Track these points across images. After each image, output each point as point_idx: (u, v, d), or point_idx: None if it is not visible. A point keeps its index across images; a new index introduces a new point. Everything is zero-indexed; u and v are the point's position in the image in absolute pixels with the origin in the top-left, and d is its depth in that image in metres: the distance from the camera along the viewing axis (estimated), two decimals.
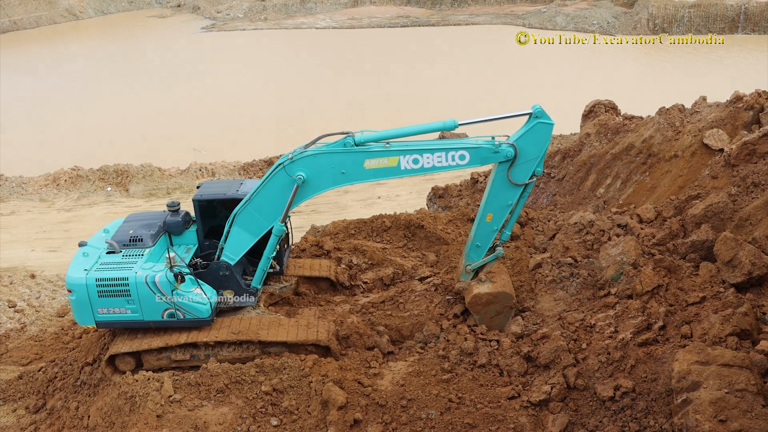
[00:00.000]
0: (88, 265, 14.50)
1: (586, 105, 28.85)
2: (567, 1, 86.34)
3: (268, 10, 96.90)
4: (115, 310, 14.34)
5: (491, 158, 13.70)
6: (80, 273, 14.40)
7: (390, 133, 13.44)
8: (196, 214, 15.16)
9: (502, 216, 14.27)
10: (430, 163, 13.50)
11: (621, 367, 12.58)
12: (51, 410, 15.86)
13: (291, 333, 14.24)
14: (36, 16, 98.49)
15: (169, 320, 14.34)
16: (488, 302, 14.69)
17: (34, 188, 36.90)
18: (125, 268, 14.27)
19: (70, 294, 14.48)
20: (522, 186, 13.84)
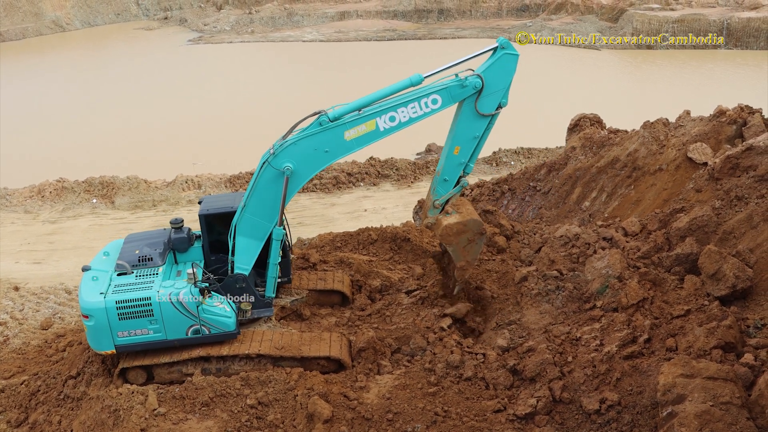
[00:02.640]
0: (103, 288, 14.15)
1: (572, 119, 29.05)
2: (552, 15, 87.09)
3: (255, 23, 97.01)
4: (136, 332, 14.05)
5: (461, 94, 14.01)
6: (97, 297, 14.00)
7: (361, 101, 13.71)
8: (203, 228, 15.00)
9: (469, 148, 14.67)
10: (407, 116, 13.81)
11: (606, 380, 12.61)
12: (33, 424, 15.69)
13: (325, 347, 14.42)
14: (22, 27, 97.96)
15: (194, 337, 14.22)
16: (459, 232, 14.92)
17: (19, 200, 36.62)
18: (144, 288, 14.05)
19: (87, 320, 14.04)
20: (489, 117, 14.29)
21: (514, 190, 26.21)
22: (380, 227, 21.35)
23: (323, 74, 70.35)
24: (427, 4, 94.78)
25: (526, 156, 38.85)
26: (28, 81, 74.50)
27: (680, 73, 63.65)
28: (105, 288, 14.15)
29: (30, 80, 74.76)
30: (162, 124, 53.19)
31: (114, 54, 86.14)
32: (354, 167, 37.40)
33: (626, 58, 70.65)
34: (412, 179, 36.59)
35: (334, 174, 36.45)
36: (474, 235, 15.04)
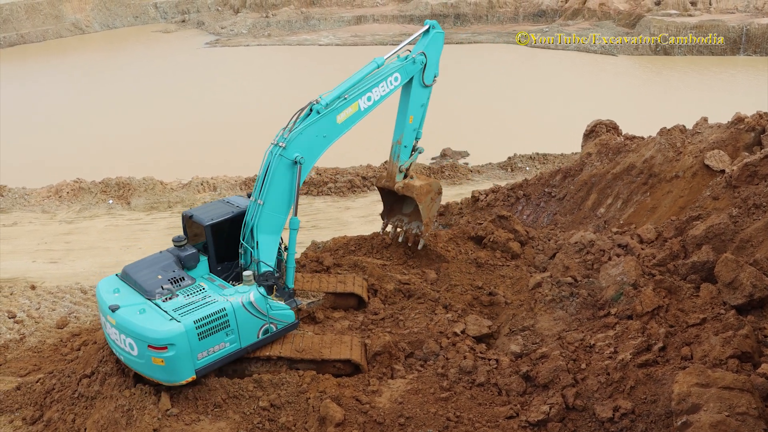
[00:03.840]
0: (164, 315, 13.18)
1: (588, 124, 28.95)
2: (569, 21, 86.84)
3: (272, 26, 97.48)
4: (215, 349, 13.44)
5: (413, 69, 16.73)
6: (170, 324, 12.89)
7: (343, 87, 15.28)
8: (209, 239, 14.69)
9: (419, 116, 17.73)
10: (378, 95, 15.85)
11: (620, 388, 12.52)
12: (48, 422, 15.79)
13: (345, 350, 14.40)
14: (43, 29, 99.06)
15: (264, 338, 14.20)
16: (427, 191, 18.10)
17: (37, 200, 36.95)
18: (212, 301, 13.55)
19: (165, 352, 12.79)
20: (430, 87, 17.43)
21: (529, 196, 26.13)
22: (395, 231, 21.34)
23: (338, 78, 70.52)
24: (444, 8, 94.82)
25: (541, 162, 38.71)
26: (48, 82, 75.26)
27: (698, 79, 63.25)
28: (170, 313, 13.16)
29: (50, 82, 75.51)
30: (178, 125, 53.51)
31: (132, 56, 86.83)
32: (369, 171, 37.41)
33: (643, 63, 70.30)
34: None
35: (349, 178, 36.48)
36: (435, 194, 18.33)
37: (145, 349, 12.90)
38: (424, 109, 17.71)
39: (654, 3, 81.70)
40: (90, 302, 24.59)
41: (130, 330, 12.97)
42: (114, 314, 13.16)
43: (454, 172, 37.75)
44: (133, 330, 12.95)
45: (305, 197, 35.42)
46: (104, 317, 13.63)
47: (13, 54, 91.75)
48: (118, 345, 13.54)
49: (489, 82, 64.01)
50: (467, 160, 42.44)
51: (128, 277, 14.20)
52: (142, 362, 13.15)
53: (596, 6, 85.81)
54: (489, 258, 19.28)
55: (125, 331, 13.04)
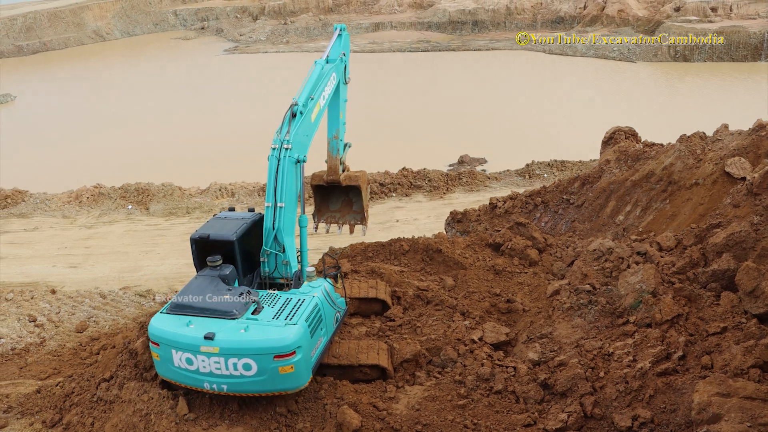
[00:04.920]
0: (275, 324, 12.78)
1: (606, 131, 28.80)
2: (587, 27, 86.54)
3: (290, 33, 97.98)
4: (317, 345, 13.35)
5: (341, 68, 17.72)
6: (290, 328, 12.60)
7: (309, 88, 15.93)
8: (237, 253, 14.42)
9: (344, 112, 18.62)
10: (328, 93, 16.70)
11: (639, 397, 12.42)
12: (67, 425, 15.92)
13: (381, 356, 14.35)
14: (65, 37, 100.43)
15: (336, 326, 14.58)
16: (366, 179, 18.99)
17: (58, 205, 37.36)
18: (302, 300, 13.49)
19: (294, 355, 12.45)
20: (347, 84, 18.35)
21: (547, 203, 26.03)
22: (412, 238, 21.34)
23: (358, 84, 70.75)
24: (462, 15, 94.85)
25: (559, 168, 38.56)
26: (70, 89, 76.13)
27: (718, 85, 62.73)
28: (277, 322, 12.80)
29: (71, 88, 76.38)
30: (197, 132, 53.92)
31: (152, 63, 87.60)
32: (386, 178, 37.45)
33: (662, 70, 69.89)
34: (444, 190, 36.51)
35: None
36: (365, 184, 19.10)
37: (268, 363, 12.39)
38: (345, 105, 18.76)
39: (673, 9, 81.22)
40: (109, 307, 24.79)
41: (248, 349, 12.34)
42: (214, 342, 12.31)
43: (471, 179, 37.69)
44: (252, 348, 12.35)
45: None
46: (189, 353, 12.56)
47: (36, 61, 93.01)
48: (218, 375, 12.59)
49: (507, 88, 63.93)
50: (485, 167, 42.39)
51: (187, 308, 13.16)
52: (262, 379, 12.54)
53: (615, 12, 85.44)
54: (507, 265, 19.22)
55: (238, 353, 12.34)
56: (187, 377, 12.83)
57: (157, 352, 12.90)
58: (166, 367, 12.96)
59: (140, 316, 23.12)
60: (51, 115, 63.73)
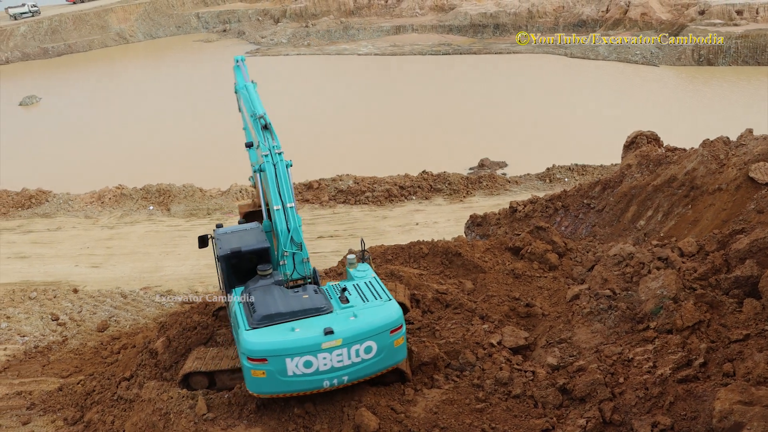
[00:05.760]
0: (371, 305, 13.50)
1: (628, 136, 28.59)
2: (609, 31, 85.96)
3: (312, 36, 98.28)
4: None
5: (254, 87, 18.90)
6: (391, 304, 13.50)
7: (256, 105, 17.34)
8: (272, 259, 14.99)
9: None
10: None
11: (659, 404, 12.31)
12: (88, 423, 16.11)
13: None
14: (89, 39, 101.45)
15: None
16: None
17: (80, 205, 37.77)
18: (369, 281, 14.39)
19: (402, 328, 13.25)
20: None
21: (567, 207, 25.89)
22: (431, 241, 21.34)
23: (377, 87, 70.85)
24: (483, 18, 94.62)
25: (580, 173, 38.33)
26: (93, 90, 76.97)
27: (743, 90, 62.00)
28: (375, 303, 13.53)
29: (94, 89, 77.22)
30: (218, 133, 54.19)
31: (173, 65, 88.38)
32: (406, 180, 37.46)
33: (686, 74, 69.25)
34: (464, 194, 36.45)
35: (387, 187, 36.55)
36: None
37: (386, 340, 13.05)
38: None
39: (698, 12, 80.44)
40: (130, 306, 25.01)
41: (368, 331, 12.84)
42: (335, 335, 12.53)
43: (492, 183, 37.59)
44: (371, 329, 12.89)
45: (343, 206, 35.62)
46: (309, 356, 12.53)
47: (61, 63, 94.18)
48: (339, 368, 12.80)
49: (528, 92, 63.70)
50: (505, 171, 42.24)
51: (276, 317, 12.94)
52: (381, 357, 13.13)
53: (638, 16, 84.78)
54: (526, 269, 19.15)
55: (360, 339, 12.73)
56: (302, 383, 12.72)
57: (265, 368, 12.43)
58: (275, 381, 12.60)
59: (160, 316, 23.33)
60: (75, 117, 64.46)
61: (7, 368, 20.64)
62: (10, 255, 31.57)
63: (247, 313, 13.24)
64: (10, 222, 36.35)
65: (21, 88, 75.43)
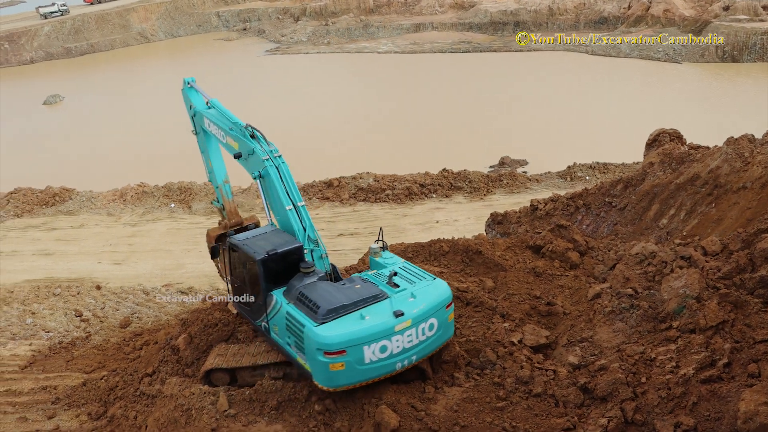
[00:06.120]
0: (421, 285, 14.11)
1: (650, 133, 28.33)
2: (631, 28, 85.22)
3: (331, 34, 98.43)
4: None
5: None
6: (439, 281, 14.39)
7: (232, 117, 17.78)
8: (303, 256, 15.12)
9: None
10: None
11: (682, 404, 12.20)
12: (111, 418, 16.29)
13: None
14: (111, 39, 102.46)
15: None
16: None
17: (103, 203, 38.14)
18: (404, 265, 15.17)
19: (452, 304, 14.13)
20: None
21: (589, 206, 25.72)
22: (452, 239, 21.29)
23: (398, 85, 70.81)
24: (503, 16, 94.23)
25: (601, 171, 38.05)
26: (115, 89, 77.67)
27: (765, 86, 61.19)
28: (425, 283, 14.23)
29: (116, 88, 77.91)
30: None
31: (194, 64, 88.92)
32: (427, 178, 37.41)
33: (709, 71, 68.48)
34: (485, 192, 36.33)
35: (407, 185, 36.53)
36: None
37: (443, 315, 13.81)
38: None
39: (722, 8, 79.49)
40: (152, 303, 25.22)
41: (430, 309, 13.48)
42: (405, 317, 13.04)
43: (512, 181, 37.43)
44: (432, 307, 13.53)
45: (363, 204, 35.65)
46: (384, 341, 12.87)
47: (84, 62, 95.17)
48: (409, 348, 13.25)
49: (549, 90, 63.34)
50: (526, 169, 42.06)
51: (341, 309, 13.13)
52: (440, 332, 13.84)
53: (660, 12, 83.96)
54: (547, 267, 19.05)
55: (424, 317, 13.34)
56: (378, 369, 13.08)
57: (344, 359, 12.67)
58: (354, 371, 12.84)
59: (182, 312, 23.50)
60: (97, 115, 65.09)
61: (32, 363, 20.93)
62: (35, 252, 31.97)
63: (306, 311, 13.28)
64: (35, 219, 36.81)
65: (45, 88, 76.31)
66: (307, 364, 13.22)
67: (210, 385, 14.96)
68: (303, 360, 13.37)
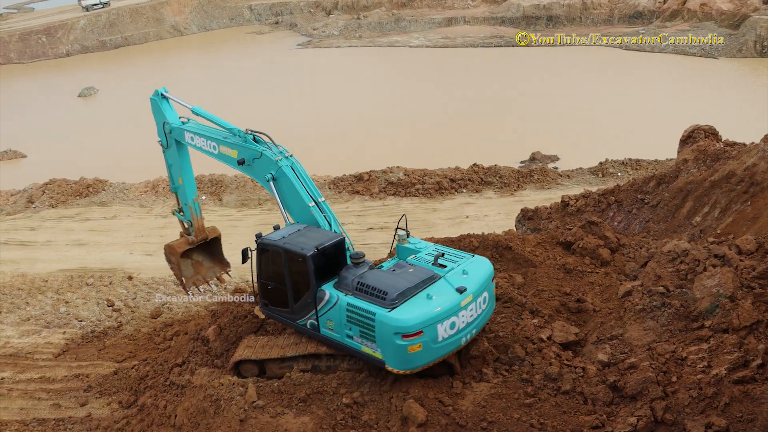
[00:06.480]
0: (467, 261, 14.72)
1: (685, 130, 27.90)
2: (667, 22, 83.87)
3: (363, 27, 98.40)
4: None
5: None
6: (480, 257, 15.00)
7: (225, 123, 18.41)
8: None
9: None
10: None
11: (714, 404, 12.03)
12: (142, 406, 16.52)
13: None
14: (145, 32, 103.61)
15: None
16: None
17: (135, 194, 38.65)
18: (435, 247, 15.53)
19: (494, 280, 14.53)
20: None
21: (620, 202, 25.43)
22: (482, 234, 21.20)
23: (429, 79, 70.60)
24: (536, 10, 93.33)
25: (634, 167, 37.58)
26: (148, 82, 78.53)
27: None
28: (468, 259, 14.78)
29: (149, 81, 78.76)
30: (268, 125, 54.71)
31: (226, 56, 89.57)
32: (457, 173, 37.27)
33: (747, 66, 67.16)
34: (515, 187, 36.11)
35: (437, 179, 36.44)
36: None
37: (491, 288, 14.44)
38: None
39: (762, 2, 77.84)
40: (182, 294, 25.45)
41: (483, 282, 14.04)
42: (467, 292, 13.54)
43: (543, 177, 37.15)
44: (484, 280, 14.11)
45: (393, 198, 35.64)
46: (452, 317, 13.23)
47: (118, 55, 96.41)
48: (471, 322, 13.78)
49: (581, 85, 62.68)
50: (557, 165, 41.70)
51: (407, 293, 13.31)
52: (490, 306, 14.54)
53: (697, 6, 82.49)
54: (578, 264, 18.89)
55: (481, 291, 13.90)
56: (449, 346, 13.43)
57: (421, 340, 12.86)
58: (429, 350, 13.10)
59: (212, 304, 23.71)
60: (130, 108, 65.82)
61: (65, 351, 21.31)
62: (68, 242, 32.50)
63: (371, 299, 13.34)
64: (69, 210, 37.42)
65: (80, 80, 77.45)
66: (377, 351, 13.27)
67: (239, 376, 15.10)
68: (371, 349, 13.37)
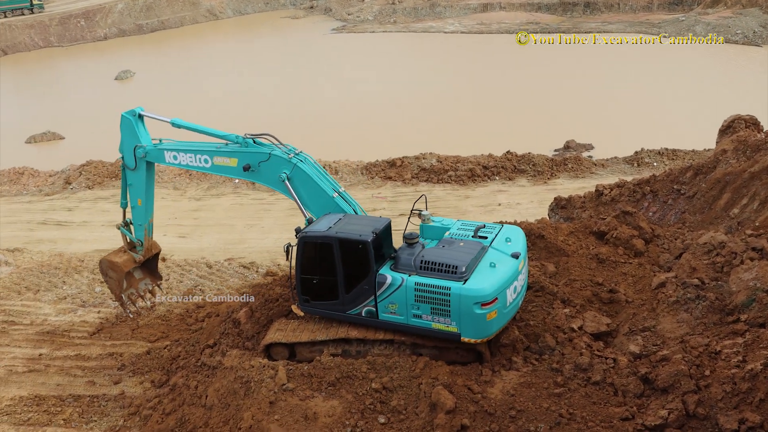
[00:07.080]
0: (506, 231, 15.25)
1: (724, 120, 27.34)
2: (708, 9, 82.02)
3: (398, 13, 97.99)
4: None
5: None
6: (513, 228, 15.71)
7: (217, 132, 18.58)
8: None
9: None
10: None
11: (748, 400, 11.83)
12: (173, 386, 16.76)
13: None
14: (181, 16, 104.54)
15: None
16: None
17: (169, 177, 39.07)
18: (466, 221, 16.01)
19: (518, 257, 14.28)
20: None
21: (656, 192, 25.05)
22: (514, 222, 21.07)
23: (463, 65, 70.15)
24: None
25: (670, 157, 36.95)
26: (183, 65, 79.23)
27: None
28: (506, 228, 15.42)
29: (185, 65, 79.46)
30: (303, 109, 54.92)
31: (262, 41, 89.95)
32: (490, 160, 37.02)
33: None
34: (548, 175, 35.76)
35: (470, 166, 36.24)
36: None
37: (526, 254, 14.87)
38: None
39: None
40: (214, 276, 25.76)
41: (524, 248, 14.70)
42: (521, 257, 14.26)
43: (577, 165, 36.72)
44: (524, 246, 14.78)
45: (425, 184, 35.56)
46: (514, 282, 13.89)
47: (154, 39, 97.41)
48: (522, 286, 14.58)
49: (618, 72, 61.73)
50: (591, 153, 41.17)
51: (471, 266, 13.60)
52: (527, 270, 15.15)
53: None
54: (611, 254, 18.68)
55: (524, 256, 14.55)
56: (512, 310, 14.24)
57: (496, 307, 13.42)
58: (502, 316, 13.75)
59: (243, 287, 23.94)
60: (166, 91, 66.53)
61: (100, 330, 21.69)
62: (104, 223, 32.95)
63: (440, 275, 13.56)
64: (105, 191, 37.98)
65: (117, 63, 78.39)
66: (451, 325, 13.58)
67: (269, 358, 15.24)
68: (443, 324, 13.65)
